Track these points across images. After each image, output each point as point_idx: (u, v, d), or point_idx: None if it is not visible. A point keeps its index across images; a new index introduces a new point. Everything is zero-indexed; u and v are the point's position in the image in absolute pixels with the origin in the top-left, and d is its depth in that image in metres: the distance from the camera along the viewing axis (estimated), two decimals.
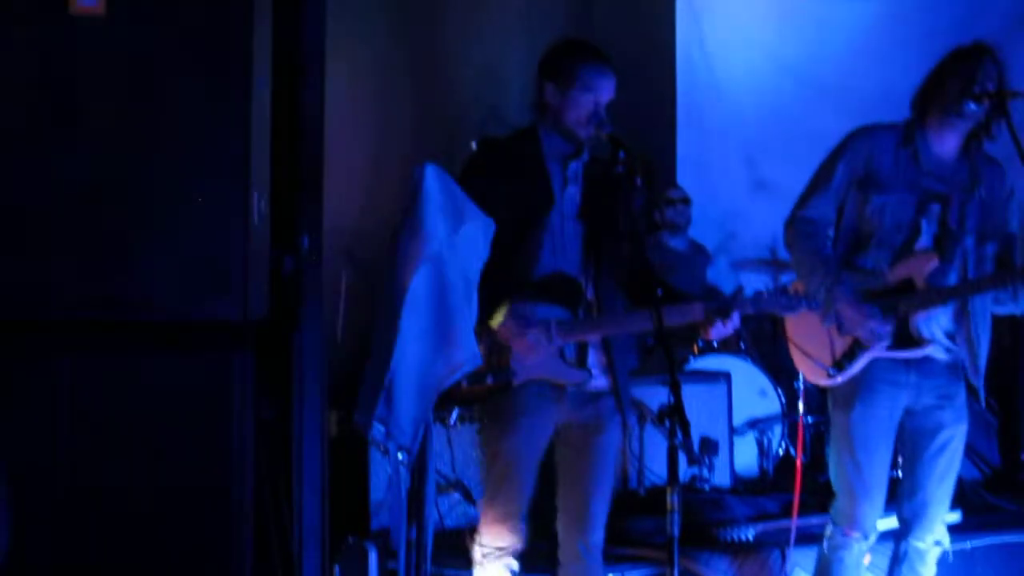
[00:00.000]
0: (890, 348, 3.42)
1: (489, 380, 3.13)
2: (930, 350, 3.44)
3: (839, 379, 3.47)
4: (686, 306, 3.17)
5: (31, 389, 2.76)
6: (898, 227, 3.44)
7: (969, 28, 3.50)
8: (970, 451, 5.17)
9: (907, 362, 3.45)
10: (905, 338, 3.43)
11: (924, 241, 3.46)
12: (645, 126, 6.16)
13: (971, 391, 3.53)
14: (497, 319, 3.13)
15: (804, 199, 3.53)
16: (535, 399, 3.16)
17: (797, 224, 3.51)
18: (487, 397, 3.16)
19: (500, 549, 3.21)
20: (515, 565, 3.24)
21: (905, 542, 3.57)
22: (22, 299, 2.74)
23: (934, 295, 3.40)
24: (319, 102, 3.32)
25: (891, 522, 3.64)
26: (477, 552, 3.25)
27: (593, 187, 3.28)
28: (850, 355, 3.44)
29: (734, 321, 3.12)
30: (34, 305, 2.75)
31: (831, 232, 3.54)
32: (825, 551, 3.60)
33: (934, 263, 3.42)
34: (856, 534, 3.50)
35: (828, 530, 3.60)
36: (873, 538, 3.53)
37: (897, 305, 3.41)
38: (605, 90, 3.19)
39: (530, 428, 3.18)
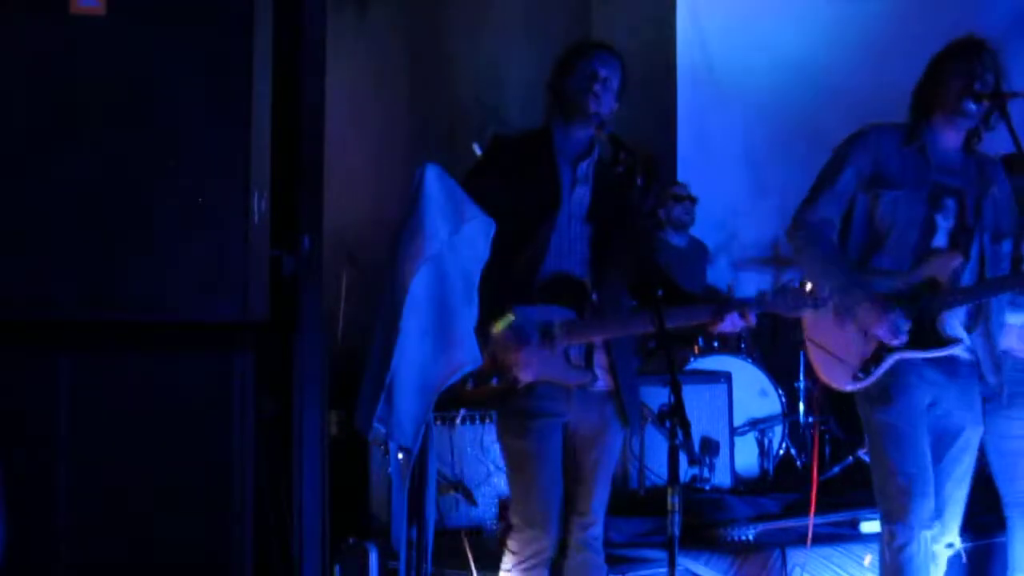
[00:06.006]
0: (918, 348, 3.38)
1: (494, 381, 3.13)
2: (956, 350, 3.41)
3: (866, 382, 3.42)
4: (694, 308, 3.17)
5: (31, 389, 2.76)
6: (912, 223, 3.40)
7: (969, 28, 3.48)
8: None
9: (934, 363, 3.41)
10: (933, 338, 3.39)
11: (940, 238, 3.43)
12: (645, 126, 6.17)
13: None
14: (498, 328, 3.12)
15: (809, 201, 3.48)
16: (544, 400, 3.16)
17: (804, 227, 3.46)
18: (493, 399, 3.16)
19: (530, 558, 3.18)
20: None
21: None
22: (22, 299, 2.73)
23: (959, 294, 3.37)
24: (319, 102, 3.32)
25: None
26: (506, 561, 3.22)
27: (602, 188, 3.28)
28: (876, 359, 3.39)
29: (749, 318, 3.13)
30: (34, 305, 2.75)
31: (836, 235, 3.51)
32: (889, 555, 3.43)
33: (958, 261, 3.38)
34: (912, 522, 3.36)
35: (884, 532, 3.45)
36: (938, 527, 3.41)
37: (921, 304, 3.37)
38: (604, 62, 3.22)
39: (542, 429, 3.17)
